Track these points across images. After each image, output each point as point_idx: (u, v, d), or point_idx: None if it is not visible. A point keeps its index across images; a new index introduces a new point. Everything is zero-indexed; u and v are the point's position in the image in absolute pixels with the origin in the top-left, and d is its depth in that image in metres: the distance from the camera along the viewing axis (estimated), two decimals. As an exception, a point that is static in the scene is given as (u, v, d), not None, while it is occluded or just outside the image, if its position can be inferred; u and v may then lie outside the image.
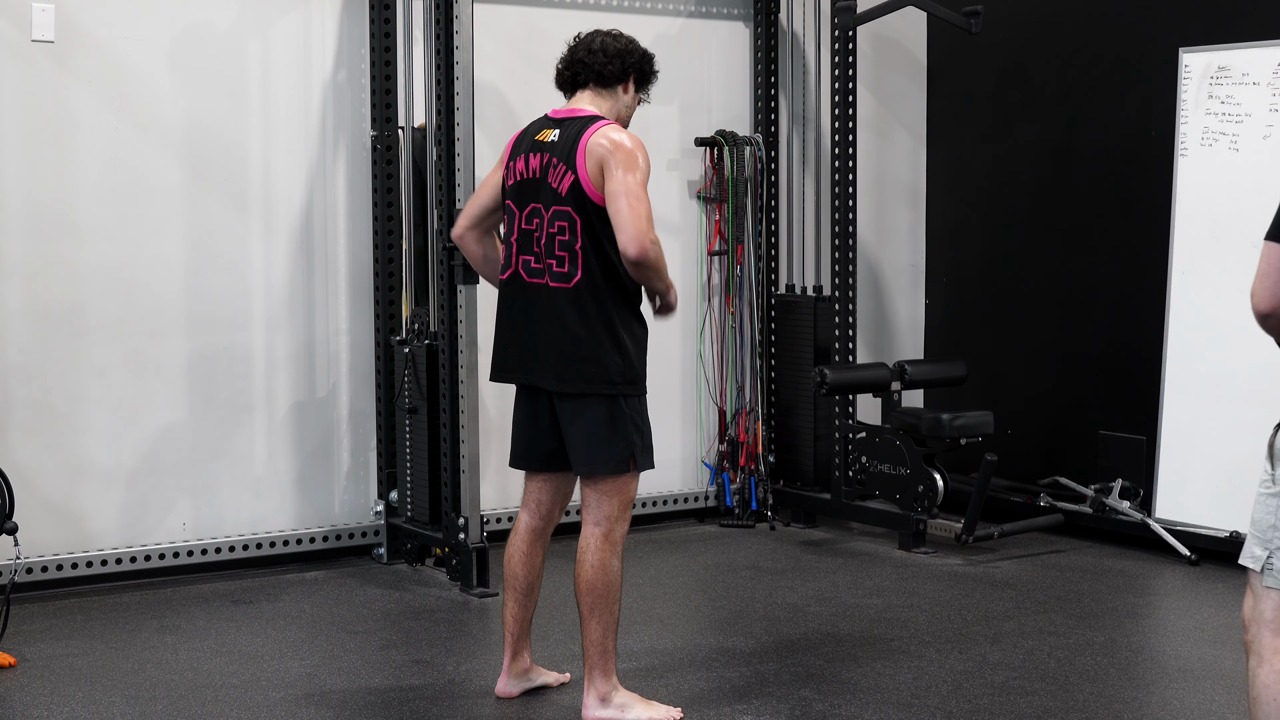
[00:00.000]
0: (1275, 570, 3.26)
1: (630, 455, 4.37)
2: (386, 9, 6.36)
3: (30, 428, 5.83)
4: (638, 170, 4.23)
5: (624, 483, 4.41)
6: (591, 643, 4.38)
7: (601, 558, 4.37)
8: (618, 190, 4.21)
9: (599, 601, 4.36)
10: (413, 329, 6.26)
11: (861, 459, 6.86)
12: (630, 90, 4.51)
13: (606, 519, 4.40)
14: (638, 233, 4.18)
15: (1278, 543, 3.30)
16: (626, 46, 4.53)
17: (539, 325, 4.36)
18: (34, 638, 5.24)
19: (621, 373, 4.33)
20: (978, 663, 4.98)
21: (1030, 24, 7.27)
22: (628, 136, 4.31)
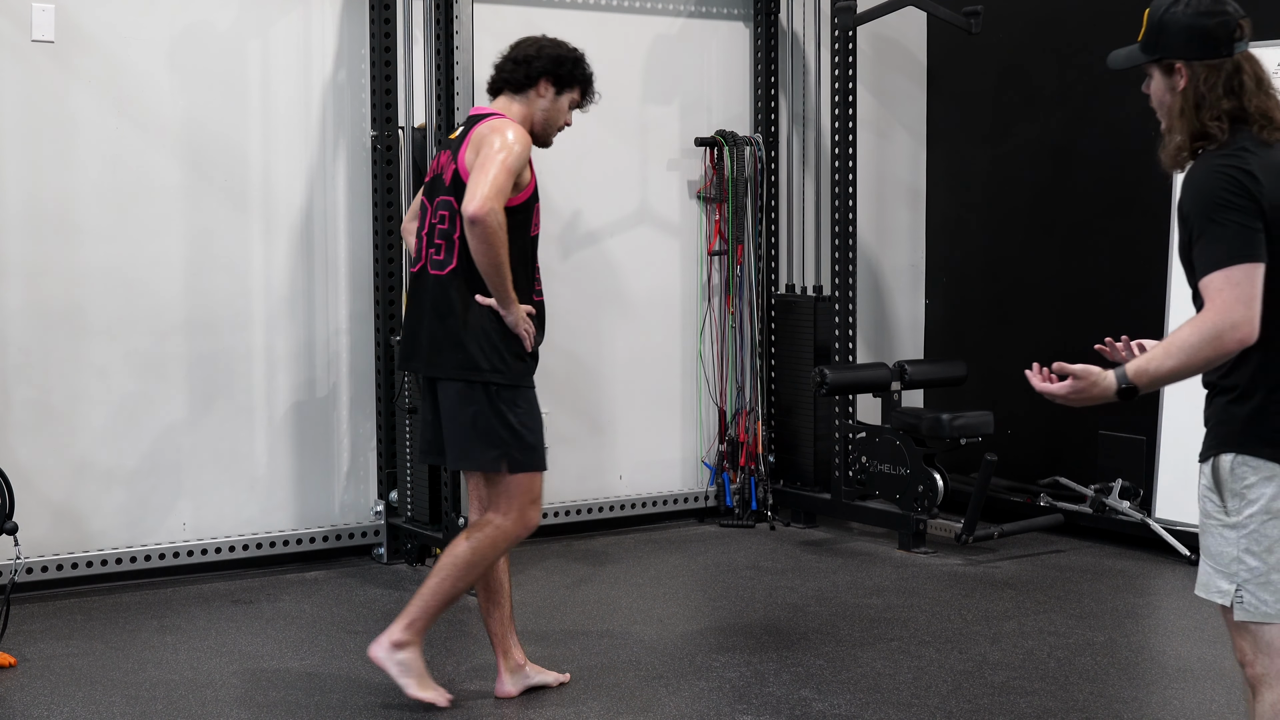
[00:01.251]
0: (1245, 603, 3.20)
1: (502, 456, 4.39)
2: (386, 9, 6.36)
3: (30, 428, 5.83)
4: (502, 150, 4.29)
5: (515, 483, 4.42)
6: (422, 596, 4.44)
7: (483, 541, 4.43)
8: (479, 164, 4.29)
9: (451, 569, 4.42)
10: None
11: (861, 459, 6.86)
12: (549, 93, 4.53)
13: (509, 513, 4.45)
14: (478, 194, 4.22)
15: (1244, 575, 3.22)
16: (535, 52, 4.56)
17: (422, 312, 4.46)
18: (34, 638, 5.24)
19: (489, 361, 4.36)
20: (978, 663, 4.98)
21: (1030, 24, 7.27)
22: (509, 125, 4.38)
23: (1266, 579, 3.19)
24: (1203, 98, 3.17)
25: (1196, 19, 3.20)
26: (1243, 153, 3.11)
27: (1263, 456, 3.23)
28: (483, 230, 4.22)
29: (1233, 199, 3.06)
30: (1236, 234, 3.04)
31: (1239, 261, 3.03)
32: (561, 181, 6.90)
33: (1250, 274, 3.03)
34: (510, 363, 4.39)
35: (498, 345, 4.37)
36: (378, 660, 4.49)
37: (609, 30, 6.99)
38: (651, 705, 4.59)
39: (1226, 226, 3.05)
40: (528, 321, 4.41)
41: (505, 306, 4.35)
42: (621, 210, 7.06)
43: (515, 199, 4.38)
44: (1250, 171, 3.08)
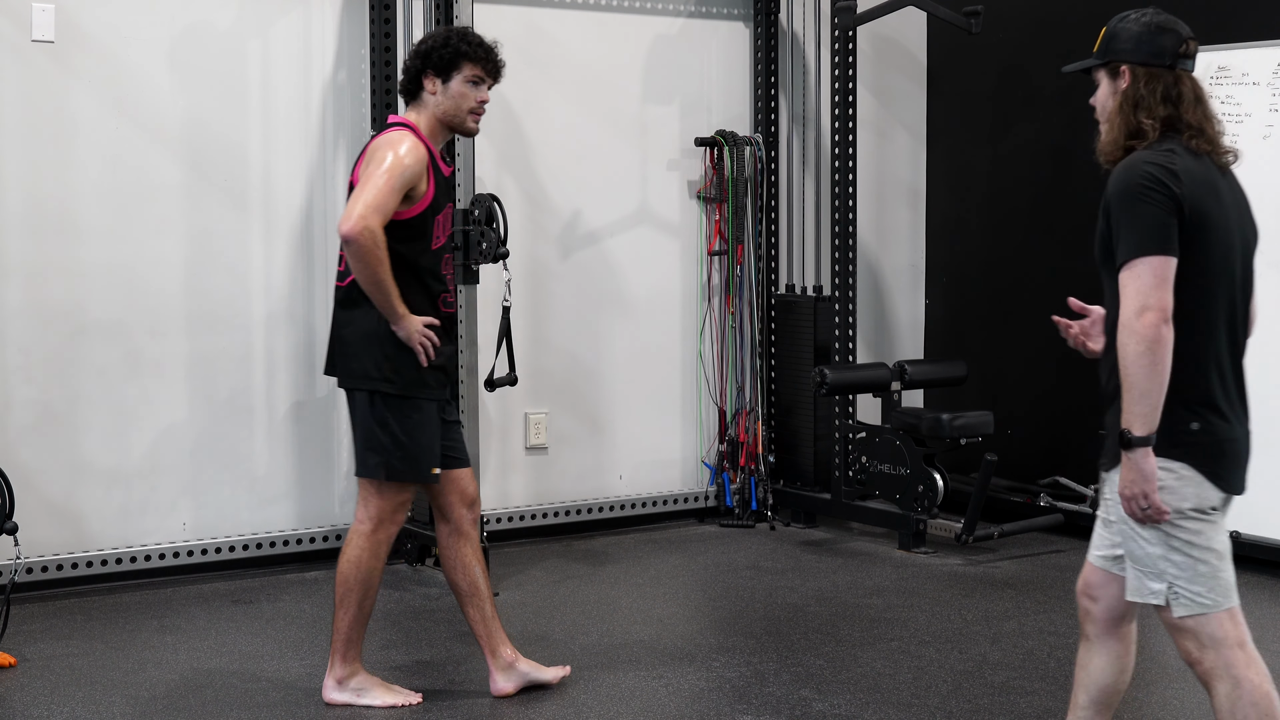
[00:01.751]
0: (1184, 597, 3.32)
1: (382, 463, 4.42)
2: (386, 9, 6.36)
3: (30, 428, 5.83)
4: (386, 164, 4.27)
5: (384, 490, 4.47)
6: (337, 629, 4.52)
7: (357, 555, 4.48)
8: (361, 180, 4.29)
9: (349, 594, 4.49)
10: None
11: (861, 459, 6.86)
12: (437, 86, 4.47)
13: (369, 519, 4.49)
14: (352, 213, 4.21)
15: (1172, 572, 3.33)
16: (410, 56, 4.54)
17: (333, 321, 4.53)
18: (34, 638, 5.24)
19: (380, 370, 4.38)
20: (978, 663, 4.98)
21: (1030, 24, 7.27)
22: (401, 139, 4.34)
23: (1194, 572, 3.30)
24: (1142, 99, 3.39)
25: (1146, 29, 3.43)
26: (1169, 154, 3.31)
27: (1173, 458, 3.30)
28: (356, 249, 4.22)
29: (1152, 193, 3.25)
30: (1151, 225, 3.24)
31: (1147, 251, 3.23)
32: (561, 181, 6.90)
33: (1158, 265, 3.23)
34: (403, 373, 4.40)
35: (391, 355, 4.39)
36: (335, 701, 4.54)
37: (609, 30, 7.00)
38: (651, 705, 4.59)
39: (1143, 217, 3.25)
40: (425, 334, 4.37)
41: (394, 322, 4.35)
42: (621, 210, 7.06)
43: (409, 211, 4.35)
44: (1174, 170, 3.27)
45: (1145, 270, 3.23)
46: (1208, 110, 3.43)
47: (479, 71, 4.49)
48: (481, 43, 4.52)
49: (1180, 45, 3.42)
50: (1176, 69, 3.41)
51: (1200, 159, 3.36)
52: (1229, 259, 3.36)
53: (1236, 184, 3.47)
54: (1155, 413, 3.25)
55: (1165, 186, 3.26)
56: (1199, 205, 3.29)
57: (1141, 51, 3.42)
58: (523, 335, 6.77)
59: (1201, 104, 3.42)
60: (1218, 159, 3.42)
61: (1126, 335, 3.23)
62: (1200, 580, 3.31)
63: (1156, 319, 3.21)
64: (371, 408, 4.42)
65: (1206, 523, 3.32)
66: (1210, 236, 3.31)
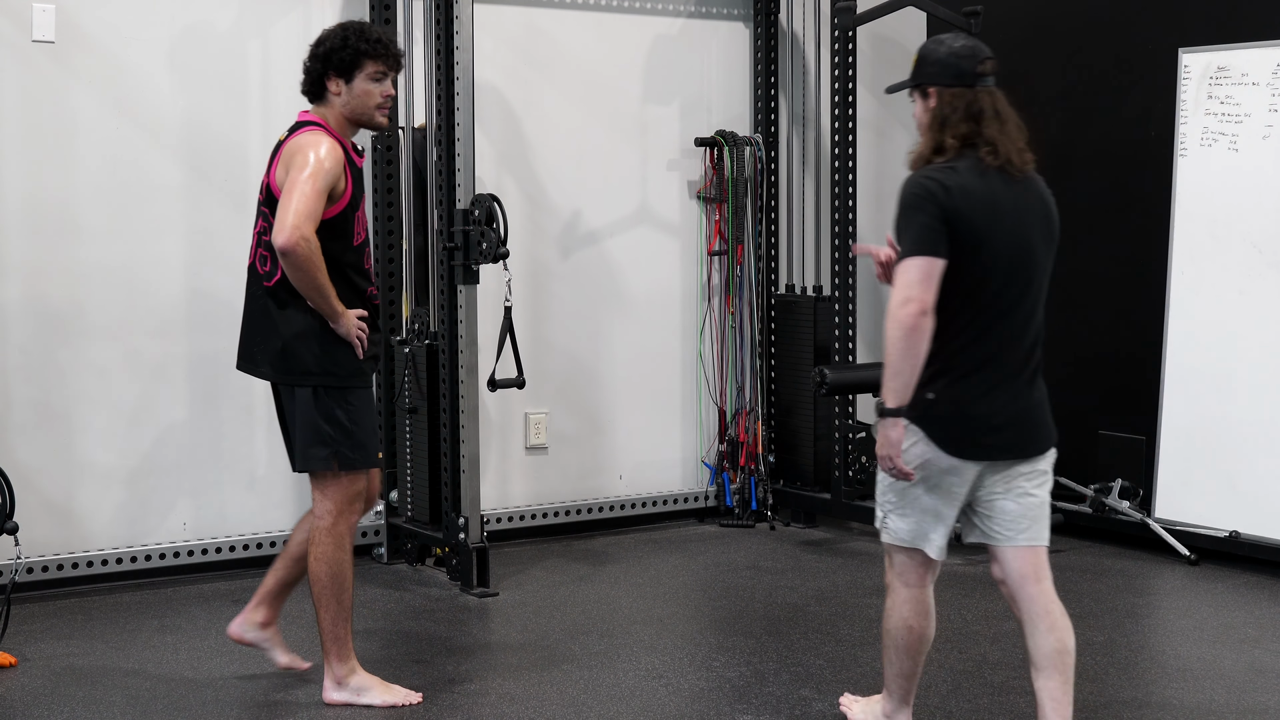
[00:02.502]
0: (889, 528, 4.04)
1: (333, 454, 4.45)
2: (386, 9, 6.36)
3: (30, 428, 5.83)
4: (308, 169, 4.30)
5: (339, 480, 4.49)
6: (323, 630, 4.53)
7: (324, 550, 4.49)
8: (287, 187, 4.31)
9: (324, 592, 4.50)
10: (413, 329, 6.26)
11: (861, 459, 6.86)
12: (340, 87, 4.50)
13: (328, 514, 4.50)
14: (285, 224, 4.25)
15: (888, 505, 4.01)
16: (310, 58, 4.55)
17: (254, 319, 4.52)
18: (34, 638, 5.24)
19: (319, 364, 4.42)
20: (977, 663, 4.98)
21: (1030, 24, 7.27)
22: (318, 141, 4.37)
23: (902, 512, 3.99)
24: (946, 118, 3.88)
25: (950, 55, 3.91)
26: (948, 170, 3.82)
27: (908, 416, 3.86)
28: (294, 259, 4.27)
29: (923, 204, 3.77)
30: (920, 232, 3.77)
31: (918, 253, 3.76)
32: (561, 182, 6.90)
33: (924, 265, 3.75)
34: (341, 363, 4.46)
35: (328, 349, 4.44)
36: (336, 701, 4.55)
37: (609, 30, 7.00)
38: (651, 705, 4.59)
39: (914, 226, 3.78)
40: (361, 327, 4.45)
41: (334, 321, 4.41)
42: (621, 210, 7.06)
43: (331, 211, 4.38)
44: (946, 186, 3.78)
45: (913, 268, 3.76)
46: (1006, 125, 3.91)
47: (381, 67, 4.53)
48: (380, 38, 4.54)
49: (979, 65, 3.91)
50: (976, 87, 3.89)
51: (986, 175, 3.84)
52: (1000, 259, 3.85)
53: (1033, 192, 3.97)
54: (907, 390, 3.80)
55: (935, 199, 3.76)
56: (969, 216, 3.78)
57: (947, 74, 3.90)
58: (523, 335, 6.76)
59: (1000, 118, 3.90)
60: (1011, 171, 3.88)
61: (890, 321, 3.78)
62: (905, 520, 3.99)
63: (917, 310, 3.75)
64: (316, 402, 4.46)
65: (927, 481, 3.90)
66: (978, 243, 3.80)
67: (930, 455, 3.87)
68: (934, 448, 3.87)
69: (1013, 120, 3.94)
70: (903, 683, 4.12)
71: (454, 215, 5.88)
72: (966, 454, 3.88)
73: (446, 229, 5.93)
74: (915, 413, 3.85)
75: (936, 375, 3.85)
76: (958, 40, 3.96)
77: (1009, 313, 3.91)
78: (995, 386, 3.90)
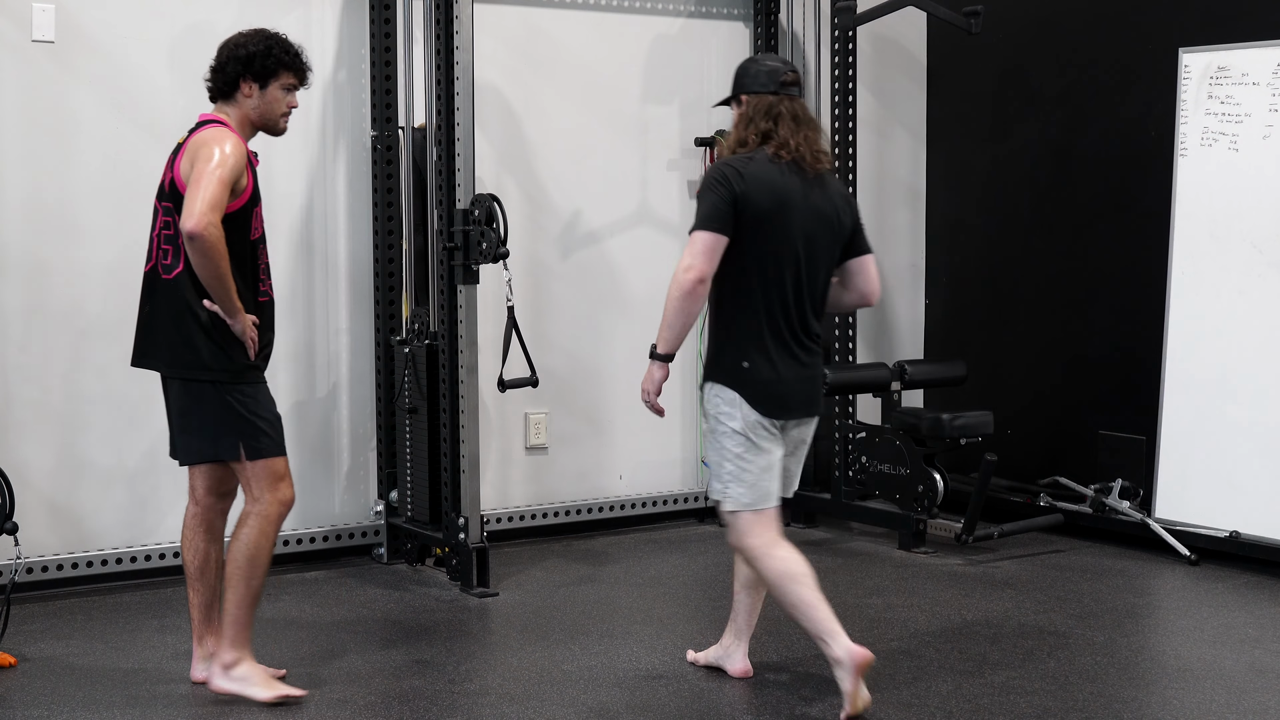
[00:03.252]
0: (734, 496, 4.50)
1: (239, 444, 4.54)
2: (386, 9, 6.36)
3: (30, 428, 5.83)
4: (213, 161, 4.40)
5: (260, 466, 4.58)
6: (227, 611, 4.58)
7: (248, 533, 4.57)
8: (194, 178, 4.40)
9: (237, 572, 4.56)
10: (413, 329, 6.26)
11: (861, 459, 6.86)
12: (254, 91, 4.62)
13: (255, 500, 4.59)
14: (194, 211, 4.34)
15: (728, 475, 4.50)
16: (227, 57, 4.65)
17: (154, 314, 4.60)
18: (34, 638, 5.24)
19: (217, 360, 4.51)
20: (978, 663, 4.98)
21: (1030, 24, 7.27)
22: (223, 137, 4.47)
23: (739, 479, 4.48)
24: (751, 118, 4.53)
25: (754, 67, 4.62)
26: (746, 160, 4.44)
27: (728, 386, 4.48)
28: (201, 244, 4.34)
29: (716, 186, 4.40)
30: (709, 210, 4.38)
31: (704, 228, 4.38)
32: (561, 181, 6.90)
33: (709, 239, 4.37)
34: (236, 359, 4.54)
35: (223, 345, 4.52)
36: (221, 689, 4.59)
37: (609, 30, 7.00)
38: (652, 705, 4.59)
39: (705, 203, 4.40)
40: (252, 330, 4.54)
41: (230, 315, 4.49)
42: (621, 210, 7.06)
43: (233, 205, 4.47)
44: (739, 171, 4.41)
45: (699, 240, 4.38)
46: (802, 127, 4.51)
47: (294, 80, 4.70)
48: (298, 54, 4.71)
49: (781, 76, 4.56)
50: (780, 94, 4.53)
51: (780, 167, 4.44)
52: (786, 243, 4.42)
53: (827, 189, 4.52)
54: (678, 341, 4.48)
55: (728, 183, 4.38)
56: (755, 200, 4.38)
57: (751, 84, 4.57)
58: (523, 335, 6.76)
59: (798, 121, 4.52)
60: (804, 167, 4.47)
61: (673, 283, 4.39)
62: (745, 486, 4.47)
63: (695, 277, 4.37)
64: (217, 395, 4.55)
65: (751, 443, 4.45)
66: (767, 225, 4.39)
67: (752, 418, 4.46)
68: (753, 411, 4.46)
69: (810, 125, 4.56)
70: (820, 612, 4.46)
71: (454, 215, 5.88)
72: (775, 413, 4.49)
73: (446, 229, 5.93)
74: (735, 381, 4.46)
75: (746, 347, 4.45)
76: (765, 58, 4.70)
77: (798, 290, 4.48)
78: (789, 355, 4.49)
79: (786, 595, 4.47)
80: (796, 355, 4.51)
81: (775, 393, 4.47)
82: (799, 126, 4.51)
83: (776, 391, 4.47)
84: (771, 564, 4.48)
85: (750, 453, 4.47)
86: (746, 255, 4.41)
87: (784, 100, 4.54)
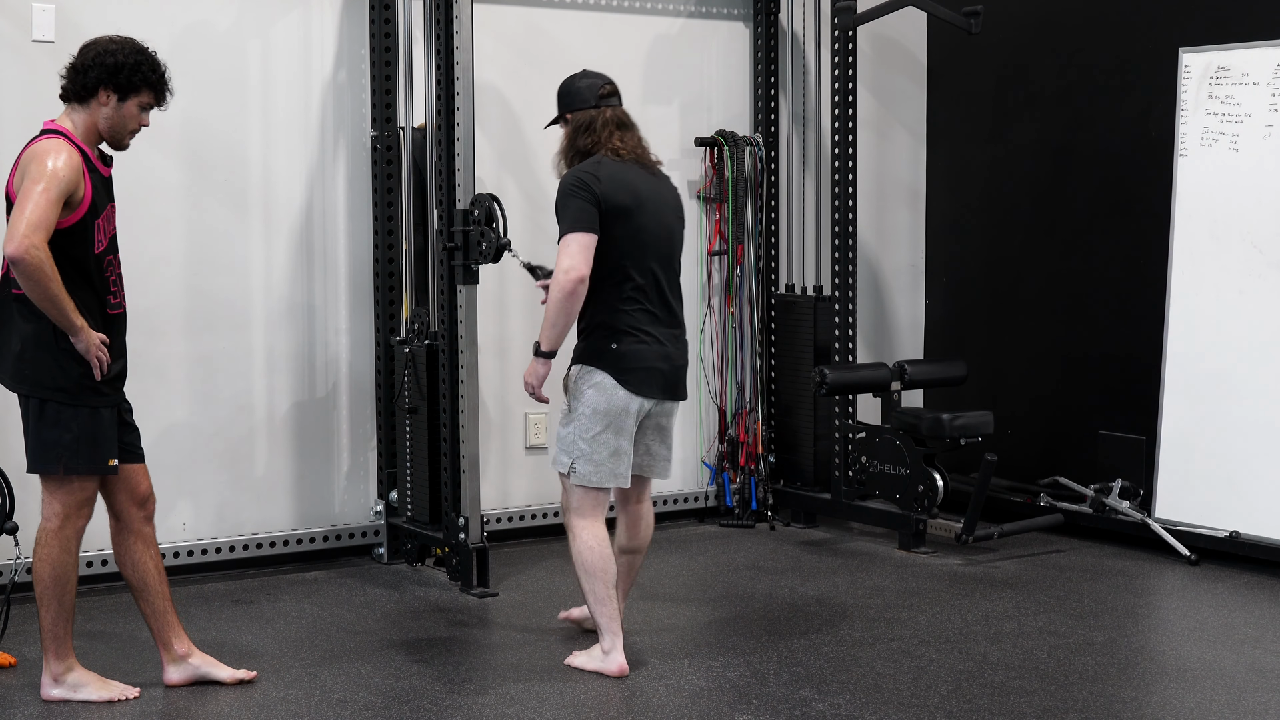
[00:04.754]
0: (579, 473, 4.81)
1: (58, 459, 4.50)
2: (386, 9, 6.36)
3: (30, 428, 5.82)
4: (42, 179, 4.31)
5: (66, 484, 4.55)
6: (43, 628, 4.60)
7: (49, 552, 4.57)
8: (20, 196, 4.33)
9: (46, 592, 4.57)
10: (413, 329, 6.26)
11: (861, 459, 6.86)
12: (110, 101, 4.52)
13: (55, 516, 4.58)
14: (14, 233, 4.27)
15: (577, 452, 4.80)
16: (92, 60, 4.55)
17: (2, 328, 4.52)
18: (34, 638, 5.23)
19: (53, 379, 4.45)
20: (978, 663, 4.98)
21: (1030, 24, 7.27)
22: (53, 150, 4.38)
23: (590, 459, 4.79)
24: (575, 135, 4.90)
25: (574, 86, 4.96)
26: (596, 164, 4.78)
27: (595, 366, 4.77)
28: (24, 268, 4.27)
29: (578, 190, 4.71)
30: (577, 212, 4.69)
31: (576, 230, 4.68)
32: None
33: (582, 239, 4.67)
34: (75, 380, 4.46)
35: (63, 364, 4.45)
36: (54, 698, 4.60)
37: (609, 30, 7.00)
38: (651, 705, 4.59)
39: (571, 208, 4.70)
40: (100, 350, 4.46)
41: (72, 335, 4.41)
42: (621, 210, 7.05)
43: (69, 219, 4.40)
44: (594, 174, 4.74)
45: (573, 242, 4.67)
46: (626, 133, 4.87)
47: (152, 101, 4.61)
48: (163, 74, 4.62)
49: (599, 89, 4.91)
50: (600, 106, 4.88)
51: (626, 165, 4.80)
52: (646, 233, 4.77)
53: (665, 184, 4.93)
54: (560, 338, 4.75)
55: (588, 186, 4.70)
56: (616, 198, 4.71)
57: (573, 102, 4.93)
58: (523, 335, 6.77)
59: (622, 126, 4.88)
60: (646, 163, 4.87)
61: (554, 285, 4.67)
62: (594, 464, 4.78)
63: (576, 277, 4.64)
64: (43, 413, 4.48)
65: (611, 426, 4.76)
66: (628, 219, 4.72)
67: (618, 398, 4.74)
68: (620, 390, 4.74)
69: (633, 128, 4.92)
70: (604, 610, 4.80)
71: (454, 215, 5.88)
72: (642, 392, 4.77)
73: (446, 229, 5.93)
74: (604, 363, 4.75)
75: (616, 331, 4.74)
76: (584, 76, 4.97)
77: (658, 278, 4.81)
78: (656, 339, 4.79)
79: (583, 582, 4.84)
80: (664, 339, 4.82)
81: (645, 374, 4.77)
82: (623, 131, 4.88)
83: (646, 373, 4.77)
84: (584, 549, 4.83)
85: (607, 433, 4.77)
86: (614, 248, 4.73)
87: (604, 111, 4.88)
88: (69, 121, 4.52)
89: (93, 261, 4.49)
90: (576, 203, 4.69)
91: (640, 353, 4.76)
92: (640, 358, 4.76)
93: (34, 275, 4.27)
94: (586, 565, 4.81)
